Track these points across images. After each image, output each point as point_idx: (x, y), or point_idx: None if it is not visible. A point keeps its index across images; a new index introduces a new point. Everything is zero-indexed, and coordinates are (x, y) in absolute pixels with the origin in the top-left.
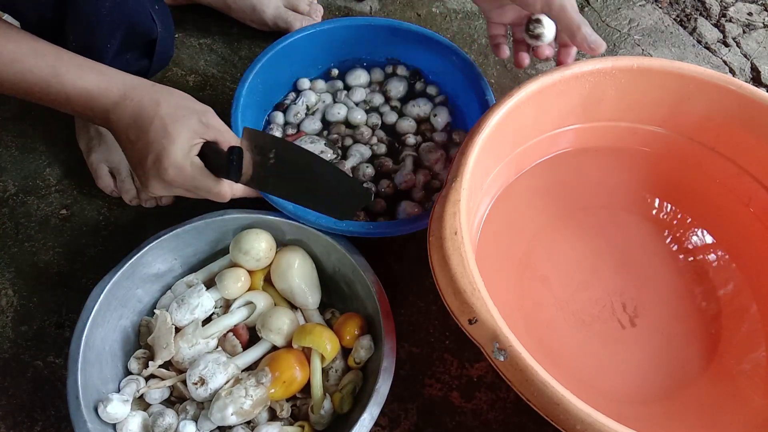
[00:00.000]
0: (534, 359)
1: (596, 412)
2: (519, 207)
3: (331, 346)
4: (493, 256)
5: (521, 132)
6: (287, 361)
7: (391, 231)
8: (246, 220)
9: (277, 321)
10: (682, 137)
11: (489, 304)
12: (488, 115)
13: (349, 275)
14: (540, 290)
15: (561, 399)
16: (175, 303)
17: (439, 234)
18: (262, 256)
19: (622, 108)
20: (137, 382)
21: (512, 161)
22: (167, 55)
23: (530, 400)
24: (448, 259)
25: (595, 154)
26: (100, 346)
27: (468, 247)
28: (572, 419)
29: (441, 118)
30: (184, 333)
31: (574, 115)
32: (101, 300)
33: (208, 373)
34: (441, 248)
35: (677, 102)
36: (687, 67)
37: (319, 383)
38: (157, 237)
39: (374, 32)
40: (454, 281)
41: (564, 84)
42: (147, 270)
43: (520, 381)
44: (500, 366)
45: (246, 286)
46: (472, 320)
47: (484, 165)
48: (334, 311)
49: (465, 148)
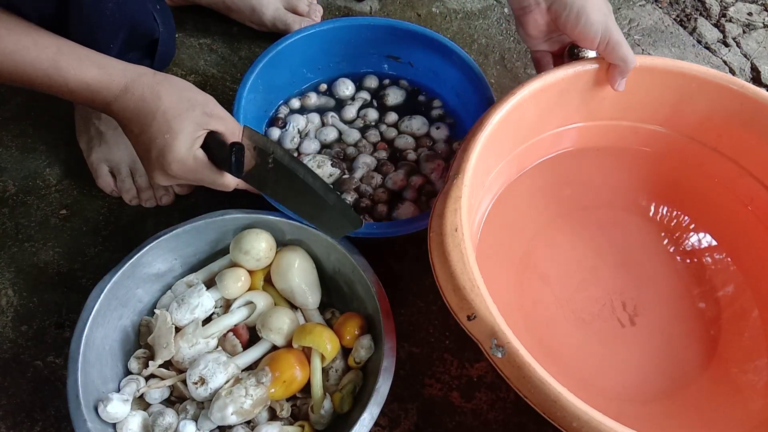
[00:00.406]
0: (532, 357)
1: (593, 409)
2: (520, 206)
3: (331, 345)
4: (493, 254)
5: (523, 130)
6: (287, 360)
7: (391, 231)
8: (246, 220)
9: (277, 321)
10: (683, 137)
11: (488, 301)
12: (491, 113)
13: (349, 275)
14: (540, 289)
15: (558, 396)
16: (175, 303)
17: (439, 230)
18: (263, 256)
19: (623, 107)
20: (137, 381)
21: (514, 159)
22: (169, 55)
23: (527, 397)
24: (448, 256)
25: (597, 154)
26: (100, 346)
27: (468, 244)
28: (569, 416)
29: (442, 131)
30: (184, 333)
31: (576, 113)
32: (101, 299)
33: (209, 373)
34: (441, 244)
35: (679, 101)
36: (688, 67)
37: (319, 383)
38: (157, 237)
39: (374, 32)
40: (454, 277)
41: (566, 82)
42: (147, 270)
43: (518, 378)
44: (498, 363)
45: (246, 286)
46: (471, 316)
47: (486, 162)
48: (334, 311)
49: (467, 144)
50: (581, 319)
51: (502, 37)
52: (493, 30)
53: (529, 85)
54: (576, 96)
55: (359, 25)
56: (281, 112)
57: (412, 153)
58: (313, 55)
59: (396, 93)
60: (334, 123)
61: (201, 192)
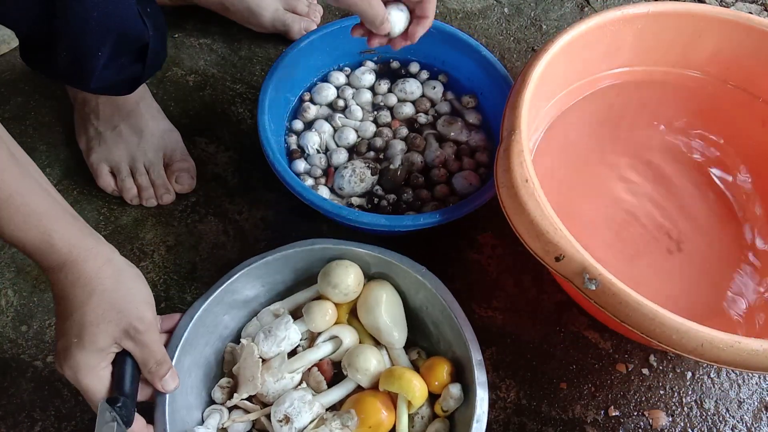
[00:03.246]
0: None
1: (688, 321)
2: (556, 153)
3: (420, 393)
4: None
5: (555, 83)
6: (373, 404)
7: (460, 211)
8: (335, 251)
9: (364, 361)
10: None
11: (572, 240)
12: (530, 69)
13: (437, 315)
14: (588, 233)
15: (656, 314)
16: (261, 333)
17: (510, 184)
18: (351, 290)
19: (638, 53)
20: (221, 413)
21: (547, 113)
22: (159, 59)
23: (625, 321)
24: (525, 206)
25: (621, 94)
26: (187, 374)
27: (541, 192)
28: (668, 330)
29: (438, 89)
30: (270, 366)
31: (599, 63)
32: (190, 327)
33: (294, 412)
34: (515, 196)
35: (688, 41)
36: (696, 7)
37: (405, 430)
38: (248, 264)
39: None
40: (535, 224)
41: (590, 34)
42: (235, 296)
43: (614, 305)
44: (591, 295)
45: (333, 320)
46: (559, 257)
47: (530, 115)
48: (419, 351)
49: (515, 101)
50: (630, 255)
51: (502, 37)
52: (493, 30)
53: (560, 39)
54: (599, 47)
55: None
56: (291, 143)
57: (423, 116)
58: (332, 52)
59: (372, 67)
60: (345, 123)
61: (202, 191)
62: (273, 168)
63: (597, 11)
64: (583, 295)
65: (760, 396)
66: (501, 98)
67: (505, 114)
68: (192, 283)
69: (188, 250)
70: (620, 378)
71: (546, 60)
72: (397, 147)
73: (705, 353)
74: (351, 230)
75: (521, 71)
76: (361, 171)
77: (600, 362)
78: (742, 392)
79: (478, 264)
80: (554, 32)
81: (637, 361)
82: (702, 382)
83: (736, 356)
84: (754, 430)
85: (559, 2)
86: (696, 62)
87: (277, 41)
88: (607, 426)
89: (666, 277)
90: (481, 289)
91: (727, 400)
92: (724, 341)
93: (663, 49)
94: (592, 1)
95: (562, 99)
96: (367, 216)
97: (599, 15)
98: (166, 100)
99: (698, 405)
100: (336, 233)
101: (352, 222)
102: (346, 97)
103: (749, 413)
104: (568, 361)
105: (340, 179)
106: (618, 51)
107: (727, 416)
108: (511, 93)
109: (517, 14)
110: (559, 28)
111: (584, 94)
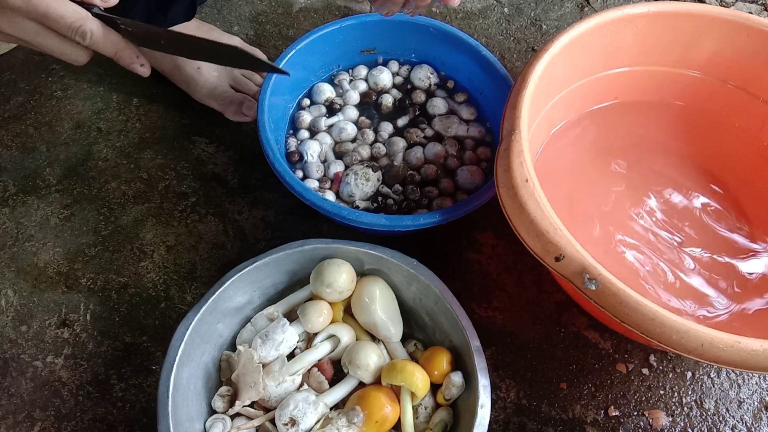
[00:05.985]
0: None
1: (689, 321)
2: (557, 158)
3: (423, 384)
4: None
5: (554, 84)
6: (378, 399)
7: (460, 211)
8: (325, 251)
9: (364, 357)
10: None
11: (572, 240)
12: (530, 69)
13: (431, 306)
14: (587, 237)
15: (655, 314)
16: (258, 338)
17: (510, 184)
18: (344, 288)
19: (637, 53)
20: (224, 422)
21: (545, 115)
22: None
23: (625, 321)
24: (525, 206)
25: (622, 106)
26: (186, 386)
27: (541, 192)
28: (668, 331)
29: (422, 71)
30: (270, 370)
31: (599, 63)
32: (186, 338)
33: (299, 414)
34: (515, 196)
35: (689, 41)
36: (696, 7)
37: (410, 422)
38: (239, 270)
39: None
40: (535, 224)
41: (590, 35)
42: (228, 304)
43: (614, 305)
44: (591, 295)
45: (329, 320)
46: (559, 257)
47: (529, 116)
48: (416, 343)
49: (515, 101)
50: (635, 258)
51: (502, 37)
52: (493, 30)
53: (559, 39)
54: (598, 47)
55: (377, 21)
56: (290, 145)
57: (421, 93)
58: (335, 51)
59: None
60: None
61: (202, 191)
62: (273, 168)
63: (597, 11)
64: (583, 295)
65: (760, 396)
66: (501, 98)
67: (505, 114)
68: (192, 283)
69: (188, 250)
70: (620, 378)
71: (546, 60)
72: (399, 144)
73: (705, 353)
74: (351, 230)
75: (521, 71)
76: (363, 172)
77: (600, 362)
78: (742, 392)
79: (478, 263)
80: (554, 32)
81: (637, 361)
82: (702, 382)
83: (736, 356)
84: (754, 430)
85: (559, 2)
86: (696, 62)
87: (276, 42)
88: (607, 426)
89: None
90: (481, 288)
91: (727, 400)
92: (724, 341)
93: (663, 49)
94: (592, 1)
95: (560, 105)
96: (367, 216)
97: (599, 15)
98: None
99: (698, 405)
100: (336, 233)
101: (352, 222)
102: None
103: (749, 413)
104: (568, 361)
105: (346, 186)
106: (618, 51)
107: (727, 416)
108: (511, 93)
109: (517, 14)
110: (559, 28)
111: (582, 105)
